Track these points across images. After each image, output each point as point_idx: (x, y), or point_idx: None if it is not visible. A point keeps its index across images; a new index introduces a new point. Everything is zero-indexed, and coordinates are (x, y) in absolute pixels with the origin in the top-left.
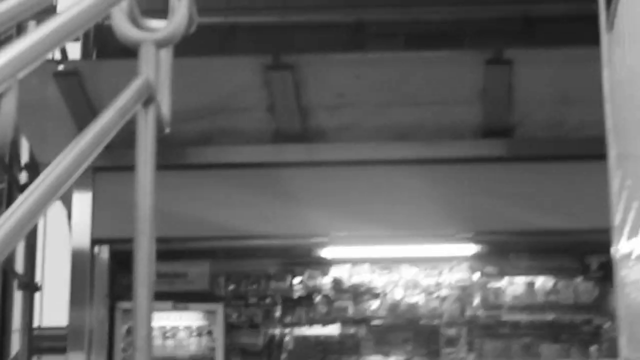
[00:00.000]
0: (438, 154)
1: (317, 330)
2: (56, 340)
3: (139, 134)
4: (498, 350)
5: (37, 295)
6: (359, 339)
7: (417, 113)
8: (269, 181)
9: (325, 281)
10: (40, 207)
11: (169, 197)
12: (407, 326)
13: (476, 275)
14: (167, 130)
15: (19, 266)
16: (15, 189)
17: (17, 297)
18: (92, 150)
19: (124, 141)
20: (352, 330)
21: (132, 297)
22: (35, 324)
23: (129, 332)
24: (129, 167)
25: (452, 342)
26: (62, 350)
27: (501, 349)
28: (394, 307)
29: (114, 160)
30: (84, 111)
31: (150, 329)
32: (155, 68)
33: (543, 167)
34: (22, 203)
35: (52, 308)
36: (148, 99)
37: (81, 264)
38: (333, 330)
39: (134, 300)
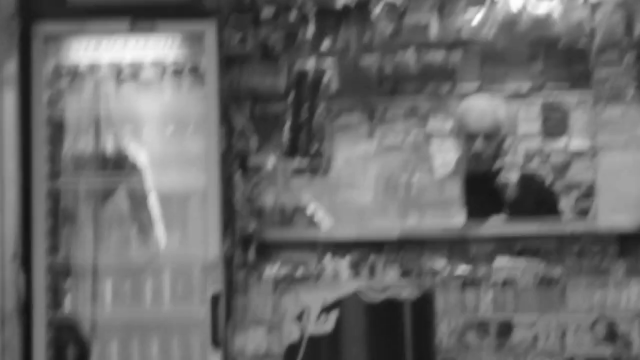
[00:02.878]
0: None
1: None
2: None
3: None
4: None
5: None
6: (452, 68)
7: None
8: None
9: None
10: None
11: None
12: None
13: None
14: None
15: None
16: None
17: None
18: None
19: None
20: (438, 57)
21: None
22: None
23: (57, 72)
24: None
25: (609, 63)
26: None
27: None
28: (510, 22)
29: None
30: None
31: None
32: None
33: None
34: None
35: None
36: None
37: None
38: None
39: None
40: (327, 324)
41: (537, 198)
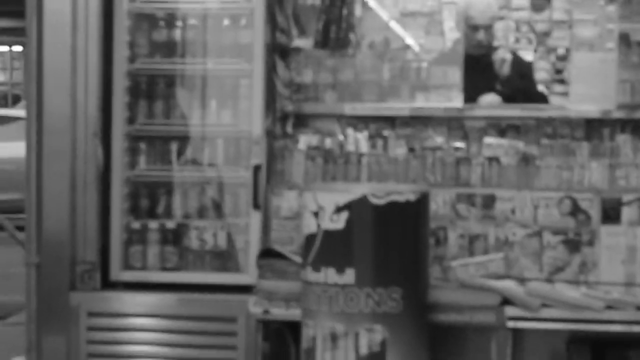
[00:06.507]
0: None
1: None
2: None
3: None
4: None
5: None
6: None
7: None
8: None
9: None
10: None
11: None
12: None
13: None
14: None
15: None
16: None
17: None
18: None
19: None
20: None
21: None
22: None
23: None
24: None
25: None
26: None
27: None
28: None
29: None
30: None
31: None
32: None
33: None
34: None
35: None
36: None
37: None
38: None
39: None
40: (339, 222)
41: (521, 75)
